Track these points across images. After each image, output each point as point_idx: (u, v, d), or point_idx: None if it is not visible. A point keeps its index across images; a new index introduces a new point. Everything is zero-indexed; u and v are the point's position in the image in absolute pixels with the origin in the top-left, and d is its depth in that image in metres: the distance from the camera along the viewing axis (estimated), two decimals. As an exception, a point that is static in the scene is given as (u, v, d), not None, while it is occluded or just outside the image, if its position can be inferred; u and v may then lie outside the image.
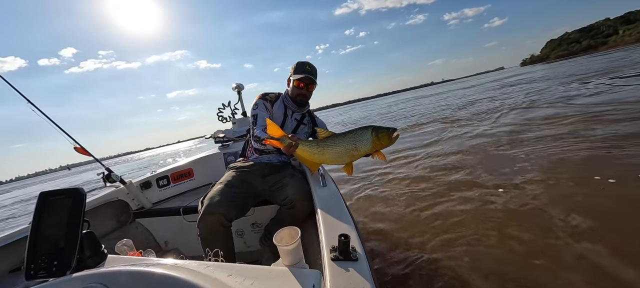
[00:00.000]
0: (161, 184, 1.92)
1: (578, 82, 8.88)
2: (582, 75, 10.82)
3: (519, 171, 2.51)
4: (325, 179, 1.26)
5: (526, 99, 7.30)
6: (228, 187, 1.30)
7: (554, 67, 27.07)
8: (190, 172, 2.13)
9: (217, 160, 2.34)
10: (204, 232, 1.15)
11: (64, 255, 0.49)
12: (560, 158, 2.64)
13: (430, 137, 5.00)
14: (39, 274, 0.48)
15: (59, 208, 0.53)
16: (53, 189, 0.54)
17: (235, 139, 2.50)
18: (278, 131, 1.07)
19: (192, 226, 1.64)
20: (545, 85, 10.17)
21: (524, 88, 10.81)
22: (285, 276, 0.50)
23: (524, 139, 3.59)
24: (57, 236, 0.51)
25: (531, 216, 1.78)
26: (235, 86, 2.63)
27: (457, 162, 3.20)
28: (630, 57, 16.21)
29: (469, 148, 3.71)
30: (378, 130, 0.99)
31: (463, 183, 2.53)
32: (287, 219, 1.32)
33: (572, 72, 13.68)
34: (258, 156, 1.53)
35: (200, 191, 2.07)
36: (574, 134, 3.27)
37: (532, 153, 2.94)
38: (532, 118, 4.77)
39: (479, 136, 4.30)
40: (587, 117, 3.88)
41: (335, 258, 0.61)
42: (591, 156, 2.52)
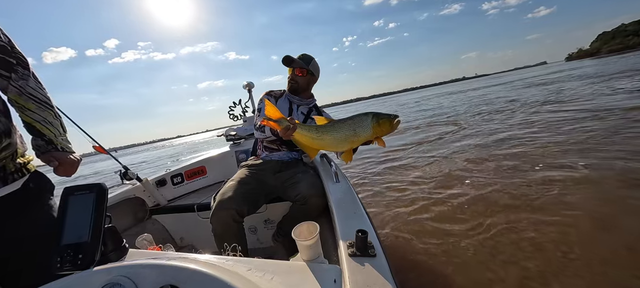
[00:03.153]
0: (175, 182, 2.02)
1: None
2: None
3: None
4: (338, 175, 1.30)
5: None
6: (240, 184, 1.37)
7: (609, 62, 25.04)
8: (203, 170, 2.22)
9: (229, 158, 2.43)
10: (217, 227, 1.21)
11: (88, 248, 0.54)
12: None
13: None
14: (64, 267, 0.52)
15: (82, 203, 0.58)
16: (76, 185, 0.59)
17: (246, 136, 2.59)
18: (276, 113, 1.08)
19: (206, 222, 1.72)
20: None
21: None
22: (305, 271, 0.51)
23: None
24: (81, 230, 0.55)
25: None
26: (246, 84, 2.72)
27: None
28: None
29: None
30: (379, 117, 1.01)
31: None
32: (300, 215, 1.37)
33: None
34: (269, 154, 1.61)
35: (213, 188, 2.16)
36: None
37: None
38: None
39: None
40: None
41: (353, 254, 0.63)
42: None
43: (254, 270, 0.48)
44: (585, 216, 1.81)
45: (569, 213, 1.87)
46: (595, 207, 1.90)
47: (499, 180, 2.61)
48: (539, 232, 1.72)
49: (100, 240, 0.55)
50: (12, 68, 0.84)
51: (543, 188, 2.28)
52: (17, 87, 0.84)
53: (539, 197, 2.16)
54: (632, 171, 2.30)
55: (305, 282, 0.48)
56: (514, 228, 1.81)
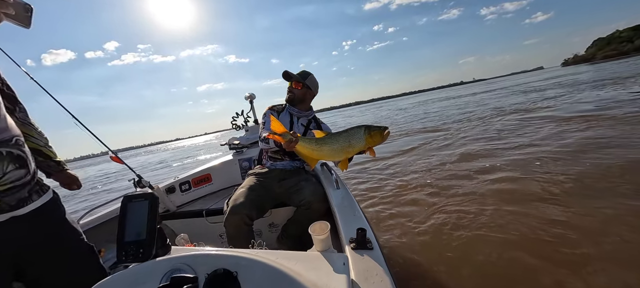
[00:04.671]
0: (183, 189, 2.17)
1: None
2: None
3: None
4: (338, 183, 1.47)
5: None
6: (249, 191, 1.53)
7: (603, 67, 26.25)
8: (208, 177, 2.37)
9: (232, 166, 2.58)
10: (230, 230, 1.38)
11: (146, 244, 0.69)
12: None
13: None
14: (128, 258, 0.68)
15: (139, 208, 0.73)
16: (133, 193, 0.75)
17: (249, 145, 2.75)
18: (280, 127, 1.25)
19: (215, 227, 1.87)
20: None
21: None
22: (320, 258, 0.69)
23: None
24: (139, 229, 0.71)
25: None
26: (248, 95, 2.89)
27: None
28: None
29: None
30: (370, 129, 1.15)
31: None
32: (304, 219, 1.54)
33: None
34: (273, 163, 1.78)
35: (218, 194, 2.31)
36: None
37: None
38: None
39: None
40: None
41: (355, 248, 0.80)
42: None
43: (281, 258, 0.65)
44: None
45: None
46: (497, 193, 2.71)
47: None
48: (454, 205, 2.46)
49: (154, 237, 0.71)
50: (16, 102, 0.99)
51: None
52: (20, 118, 0.98)
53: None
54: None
55: (321, 266, 0.65)
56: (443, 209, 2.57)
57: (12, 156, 0.79)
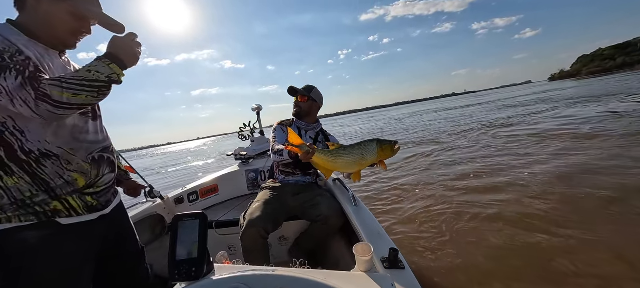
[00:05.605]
0: (191, 199, 2.18)
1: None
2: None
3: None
4: (356, 200, 1.52)
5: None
6: (265, 205, 1.57)
7: (589, 83, 27.82)
8: (216, 188, 2.39)
9: (239, 177, 2.60)
10: (248, 243, 1.41)
11: (198, 263, 0.73)
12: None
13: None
14: (181, 277, 0.71)
15: (190, 227, 0.77)
16: (184, 213, 0.79)
17: (255, 156, 2.78)
18: (298, 139, 1.32)
19: (224, 239, 1.89)
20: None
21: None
22: (367, 279, 0.74)
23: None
24: (190, 248, 0.75)
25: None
26: (255, 107, 2.93)
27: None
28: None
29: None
30: (382, 143, 1.20)
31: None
32: (320, 234, 1.59)
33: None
34: (286, 177, 1.82)
35: (225, 205, 2.33)
36: None
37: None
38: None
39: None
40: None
41: (388, 267, 0.85)
42: None
43: (331, 278, 0.69)
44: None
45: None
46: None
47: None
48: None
49: (205, 256, 0.75)
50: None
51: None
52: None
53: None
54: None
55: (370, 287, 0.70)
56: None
57: (109, 161, 0.93)
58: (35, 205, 0.76)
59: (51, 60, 0.83)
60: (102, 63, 0.77)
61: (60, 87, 0.70)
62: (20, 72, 0.68)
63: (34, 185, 0.76)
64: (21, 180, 0.75)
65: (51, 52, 0.85)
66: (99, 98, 0.77)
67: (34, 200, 0.76)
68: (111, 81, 0.78)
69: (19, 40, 0.76)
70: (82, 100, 0.73)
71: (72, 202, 0.82)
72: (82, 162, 0.84)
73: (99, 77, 0.75)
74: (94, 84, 0.74)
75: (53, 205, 0.79)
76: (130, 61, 0.83)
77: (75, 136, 0.84)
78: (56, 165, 0.79)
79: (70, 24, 0.84)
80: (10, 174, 0.74)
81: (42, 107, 0.68)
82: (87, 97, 0.74)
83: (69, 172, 0.81)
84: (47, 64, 0.80)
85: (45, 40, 0.83)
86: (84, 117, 0.88)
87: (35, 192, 0.76)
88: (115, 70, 0.78)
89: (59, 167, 0.80)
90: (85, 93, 0.73)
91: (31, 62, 0.73)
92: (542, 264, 1.88)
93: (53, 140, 0.79)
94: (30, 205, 0.76)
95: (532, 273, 1.82)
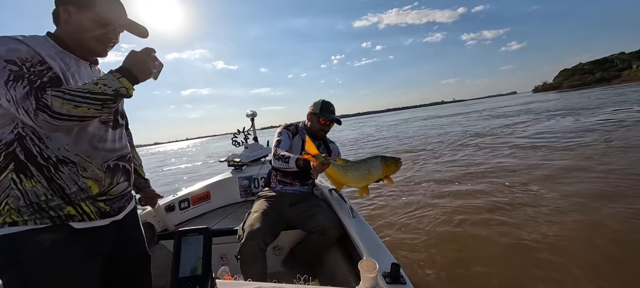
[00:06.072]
0: (182, 207, 2.14)
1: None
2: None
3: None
4: (353, 211, 1.54)
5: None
6: (264, 215, 1.55)
7: (569, 97, 29.37)
8: (208, 195, 2.35)
9: (232, 184, 2.58)
10: (247, 256, 1.38)
11: (203, 280, 0.72)
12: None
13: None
14: (185, 295, 0.70)
15: (193, 243, 0.76)
16: (187, 228, 0.78)
17: (248, 163, 2.76)
18: (314, 149, 1.34)
19: (216, 249, 1.85)
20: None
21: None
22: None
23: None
24: (194, 265, 0.74)
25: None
26: (250, 113, 2.91)
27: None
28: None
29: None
30: (386, 159, 1.26)
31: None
32: (316, 245, 1.59)
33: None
34: (283, 187, 1.80)
35: (217, 213, 2.30)
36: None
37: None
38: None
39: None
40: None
41: (389, 282, 0.86)
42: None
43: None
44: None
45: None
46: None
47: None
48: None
49: (210, 273, 0.74)
50: (127, 127, 1.13)
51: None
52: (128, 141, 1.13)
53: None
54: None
55: None
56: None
57: (125, 169, 0.96)
58: (49, 210, 0.79)
59: (78, 70, 0.85)
60: (112, 76, 0.78)
61: (62, 99, 0.70)
62: (32, 82, 0.70)
63: (49, 189, 0.78)
64: (38, 183, 0.77)
65: (81, 62, 0.88)
66: (104, 111, 0.78)
67: (49, 204, 0.79)
68: (118, 95, 0.79)
69: (48, 51, 0.78)
70: (83, 112, 0.74)
71: (85, 208, 0.84)
72: (97, 170, 0.87)
73: (105, 91, 0.76)
74: (98, 97, 0.75)
75: (67, 210, 0.81)
76: (143, 76, 0.84)
77: (93, 144, 0.86)
78: (73, 171, 0.82)
79: (95, 31, 0.86)
80: (29, 177, 0.76)
81: (41, 117, 0.69)
82: (90, 109, 0.74)
83: (83, 179, 0.83)
84: (72, 74, 0.82)
85: (77, 51, 0.87)
86: (104, 126, 0.91)
87: (51, 196, 0.79)
88: (124, 84, 0.79)
89: (74, 173, 0.82)
90: (88, 105, 0.74)
91: (51, 72, 0.75)
92: (524, 260, 1.97)
93: (72, 148, 0.82)
94: (45, 210, 0.78)
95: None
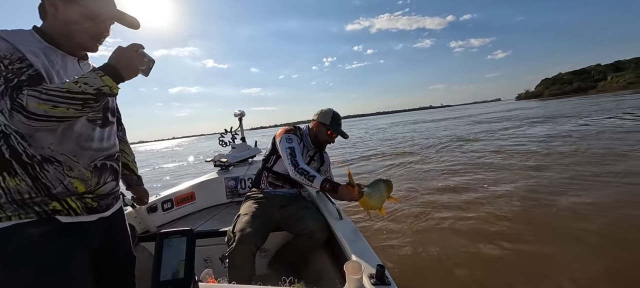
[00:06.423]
0: (165, 207, 2.08)
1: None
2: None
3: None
4: (340, 213, 1.55)
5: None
6: (254, 218, 1.53)
7: (547, 105, 30.86)
8: (192, 196, 2.31)
9: (217, 185, 2.53)
10: (238, 260, 1.36)
11: (183, 284, 0.71)
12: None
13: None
14: (166, 299, 0.69)
15: (175, 245, 0.74)
16: (170, 230, 0.76)
17: (235, 163, 2.72)
18: (352, 180, 1.46)
19: (200, 251, 1.80)
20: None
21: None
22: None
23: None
24: (176, 268, 0.72)
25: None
26: (238, 113, 2.88)
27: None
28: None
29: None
30: (386, 181, 1.46)
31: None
32: (304, 247, 1.59)
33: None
34: (273, 189, 1.78)
35: (202, 214, 2.26)
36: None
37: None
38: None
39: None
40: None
41: (375, 284, 0.87)
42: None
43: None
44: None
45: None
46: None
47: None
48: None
49: (192, 276, 0.73)
50: (120, 123, 1.13)
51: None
52: (120, 137, 1.12)
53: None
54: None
55: None
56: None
57: (113, 169, 0.94)
58: (34, 205, 0.77)
59: (64, 66, 0.82)
60: (94, 74, 0.74)
61: (38, 99, 0.67)
62: (8, 80, 0.67)
63: (34, 188, 0.76)
64: (23, 182, 0.75)
65: (68, 58, 0.84)
66: (85, 111, 0.74)
67: (34, 201, 0.77)
68: (101, 94, 0.75)
69: (32, 47, 0.75)
70: (62, 113, 0.70)
71: (72, 203, 0.82)
72: (84, 169, 0.84)
73: (86, 90, 0.72)
74: (77, 97, 0.71)
75: (52, 205, 0.79)
76: (129, 74, 0.80)
77: (80, 143, 0.83)
78: (58, 170, 0.79)
79: (84, 24, 0.83)
80: (13, 175, 0.74)
81: (16, 118, 0.67)
82: (69, 109, 0.71)
83: (69, 178, 0.81)
84: (57, 72, 0.78)
85: (65, 46, 0.83)
86: (92, 124, 0.87)
87: (34, 194, 0.77)
88: (107, 83, 0.75)
89: (60, 173, 0.79)
90: (67, 105, 0.70)
91: (31, 70, 0.71)
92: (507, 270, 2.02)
93: (57, 147, 0.79)
94: (29, 205, 0.76)
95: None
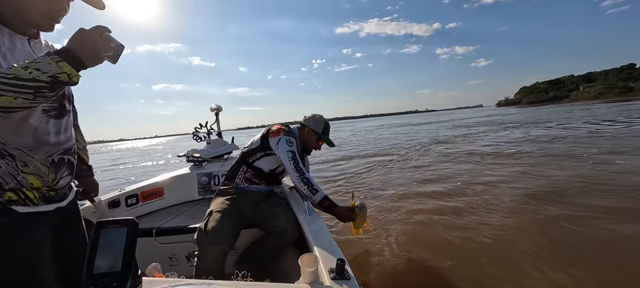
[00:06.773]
0: (129, 203, 1.97)
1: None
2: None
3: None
4: (309, 209, 1.52)
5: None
6: (226, 216, 1.45)
7: (525, 111, 32.76)
8: (160, 191, 2.20)
9: (189, 180, 2.44)
10: (208, 261, 1.29)
11: (121, 277, 0.64)
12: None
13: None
14: (99, 293, 0.63)
15: (114, 235, 0.68)
16: (109, 219, 0.70)
17: (210, 159, 2.63)
18: (355, 203, 1.71)
19: (164, 248, 1.73)
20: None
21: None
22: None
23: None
24: (113, 260, 0.66)
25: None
26: (215, 107, 2.78)
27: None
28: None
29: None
30: (361, 203, 1.74)
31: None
32: (275, 245, 1.55)
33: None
34: (248, 185, 1.71)
35: (170, 211, 2.16)
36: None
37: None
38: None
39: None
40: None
41: (334, 278, 0.86)
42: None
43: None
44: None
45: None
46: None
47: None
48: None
49: (131, 269, 0.67)
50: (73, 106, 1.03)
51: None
52: (74, 124, 1.04)
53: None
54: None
55: None
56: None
57: (69, 163, 0.90)
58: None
59: (12, 48, 0.73)
60: (49, 59, 0.65)
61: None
62: None
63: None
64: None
65: (17, 38, 0.75)
66: (38, 100, 0.65)
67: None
68: (57, 82, 0.66)
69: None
70: (8, 102, 0.61)
71: (28, 193, 0.78)
72: (40, 165, 0.79)
73: (38, 77, 0.63)
74: (27, 84, 0.62)
75: (7, 196, 0.74)
76: (91, 60, 0.71)
77: (36, 137, 0.77)
78: (11, 166, 0.74)
79: (40, 4, 0.75)
80: None
81: None
82: (17, 99, 0.62)
83: (23, 174, 0.76)
84: (3, 55, 0.70)
85: (13, 24, 0.75)
86: (45, 116, 0.80)
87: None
88: (64, 69, 0.65)
89: (13, 168, 0.74)
90: (14, 94, 0.61)
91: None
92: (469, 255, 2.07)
93: (10, 140, 0.73)
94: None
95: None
